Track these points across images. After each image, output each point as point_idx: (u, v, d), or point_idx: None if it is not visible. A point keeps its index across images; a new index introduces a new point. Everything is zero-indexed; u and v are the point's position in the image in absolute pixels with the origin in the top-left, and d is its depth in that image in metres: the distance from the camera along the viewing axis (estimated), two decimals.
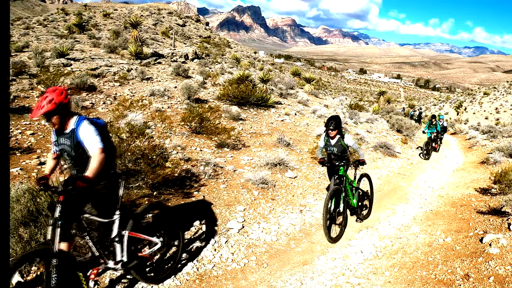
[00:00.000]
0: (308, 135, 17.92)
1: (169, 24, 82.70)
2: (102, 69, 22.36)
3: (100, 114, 15.36)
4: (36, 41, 35.60)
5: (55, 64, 22.17)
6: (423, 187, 14.43)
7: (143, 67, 24.94)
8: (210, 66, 34.98)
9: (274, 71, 58.20)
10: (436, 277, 6.87)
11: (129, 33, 42.11)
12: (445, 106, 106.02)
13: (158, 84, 21.52)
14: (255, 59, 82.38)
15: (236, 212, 9.68)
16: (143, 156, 9.40)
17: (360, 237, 9.29)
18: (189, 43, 68.36)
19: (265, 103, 21.00)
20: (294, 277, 7.29)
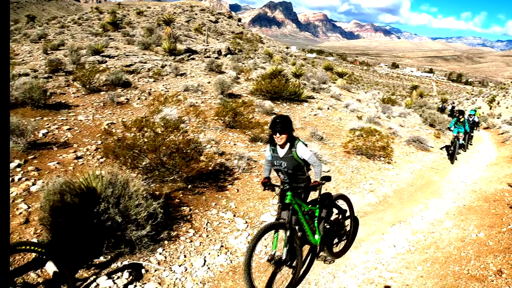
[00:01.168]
0: (341, 129, 17.84)
1: (202, 21, 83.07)
2: (136, 66, 22.61)
3: (135, 109, 15.56)
4: (71, 39, 36.09)
5: (90, 61, 22.50)
6: (456, 181, 14.26)
7: (177, 63, 25.11)
8: (243, 61, 35.06)
9: (307, 66, 58.11)
10: (469, 272, 6.82)
11: (162, 30, 42.39)
12: (477, 100, 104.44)
13: (192, 80, 21.67)
14: (287, 54, 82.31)
15: (270, 205, 9.70)
16: (178, 150, 9.49)
17: (393, 231, 9.25)
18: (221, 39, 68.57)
19: (298, 98, 20.96)
20: (327, 270, 7.30)
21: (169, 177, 9.38)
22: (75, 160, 10.25)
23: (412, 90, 50.22)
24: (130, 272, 6.30)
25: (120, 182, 6.98)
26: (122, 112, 15.04)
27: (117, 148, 9.26)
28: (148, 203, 6.97)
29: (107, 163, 10.06)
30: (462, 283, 6.50)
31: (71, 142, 11.50)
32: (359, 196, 11.40)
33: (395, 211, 10.62)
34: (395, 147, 16.35)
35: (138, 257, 6.75)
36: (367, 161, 14.27)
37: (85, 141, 11.63)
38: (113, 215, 6.37)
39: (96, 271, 6.21)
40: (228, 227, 8.43)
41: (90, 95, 16.41)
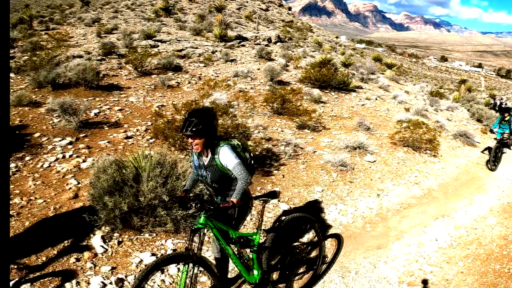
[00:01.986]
0: (388, 120, 17.72)
1: (253, 9, 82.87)
2: (187, 51, 22.87)
3: (185, 93, 15.79)
4: (124, 23, 36.69)
5: (142, 45, 22.86)
6: (501, 178, 14.00)
7: (227, 49, 25.31)
8: (293, 49, 34.98)
9: (356, 56, 57.64)
10: (510, 271, 6.81)
11: (213, 17, 42.57)
12: None
13: (242, 66, 21.80)
14: (337, 44, 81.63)
15: (314, 192, 9.77)
16: (226, 133, 9.63)
17: (435, 225, 9.19)
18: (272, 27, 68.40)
19: (346, 87, 20.90)
20: (368, 260, 7.32)
21: None
22: (125, 139, 10.54)
23: (460, 84, 49.25)
24: (174, 250, 6.46)
25: (169, 162, 7.14)
26: (173, 95, 15.29)
27: (166, 129, 9.47)
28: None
29: (156, 143, 10.28)
30: (502, 281, 6.48)
31: (122, 122, 11.80)
32: (404, 188, 11.35)
33: (438, 205, 10.55)
34: (442, 141, 16.15)
35: (182, 236, 6.90)
36: (413, 153, 14.16)
37: (135, 122, 11.92)
38: (160, 194, 6.51)
39: (140, 247, 6.39)
40: (272, 212, 8.53)
41: (142, 78, 16.74)
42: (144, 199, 6.45)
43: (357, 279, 6.74)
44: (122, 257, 6.11)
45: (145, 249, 6.40)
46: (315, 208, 8.55)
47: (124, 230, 6.59)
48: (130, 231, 6.64)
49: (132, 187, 6.50)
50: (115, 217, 6.32)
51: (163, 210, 6.56)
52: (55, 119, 11.09)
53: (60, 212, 6.74)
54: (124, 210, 6.29)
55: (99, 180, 6.48)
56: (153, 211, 6.57)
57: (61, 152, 9.18)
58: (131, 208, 6.39)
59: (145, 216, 6.55)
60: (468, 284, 6.64)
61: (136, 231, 6.64)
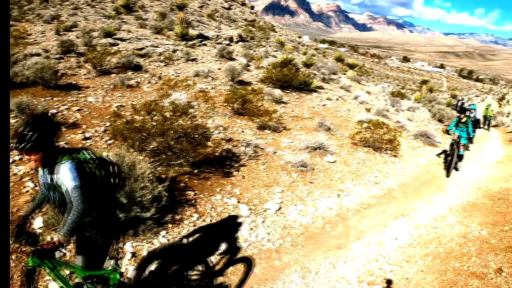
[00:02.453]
0: (349, 120, 17.86)
1: (215, 7, 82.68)
2: (148, 50, 22.65)
3: (145, 93, 15.64)
4: (84, 21, 36.10)
5: (102, 44, 22.54)
6: (461, 178, 14.25)
7: (188, 49, 25.14)
8: (255, 49, 34.99)
9: (318, 56, 57.91)
10: (469, 269, 6.89)
11: (175, 15, 42.27)
12: (487, 98, 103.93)
13: (203, 65, 21.69)
14: (299, 44, 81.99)
15: (274, 193, 9.80)
16: (186, 134, 9.59)
17: (395, 224, 9.33)
18: (234, 26, 68.35)
19: (307, 87, 21.00)
20: (328, 260, 7.40)
21: (175, 161, 9.49)
22: (83, 140, 10.37)
23: (422, 85, 50.00)
24: (133, 253, 6.40)
25: (127, 164, 7.07)
26: (132, 95, 15.13)
27: (125, 130, 9.36)
28: (153, 186, 7.07)
29: (115, 145, 10.18)
30: (461, 279, 6.58)
31: (80, 123, 11.60)
32: (364, 188, 11.47)
33: (398, 204, 10.68)
34: (402, 141, 16.35)
35: (141, 238, 6.85)
36: (373, 153, 14.31)
37: (94, 123, 11.74)
38: (118, 196, 6.43)
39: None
40: (232, 213, 8.52)
41: (101, 77, 16.51)
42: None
43: (317, 279, 6.80)
44: None
45: None
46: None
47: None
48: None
49: None
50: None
51: (122, 213, 6.50)
52: (11, 119, 10.87)
53: (17, 215, 6.60)
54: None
55: None
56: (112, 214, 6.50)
57: (17, 154, 8.99)
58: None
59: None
60: (428, 282, 6.74)
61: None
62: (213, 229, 7.78)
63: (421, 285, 6.69)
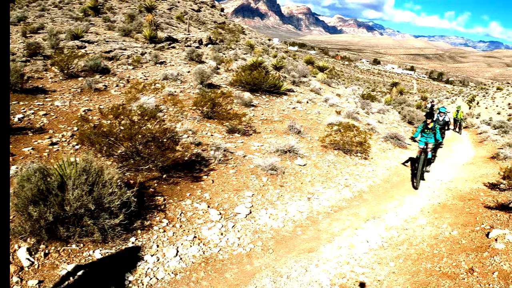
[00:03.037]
0: (319, 123, 17.92)
1: (184, 9, 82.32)
2: (116, 52, 22.43)
3: (112, 96, 15.45)
4: (51, 23, 35.65)
5: (69, 46, 22.25)
6: (432, 179, 14.42)
7: (157, 51, 24.97)
8: (224, 52, 34.93)
9: (288, 59, 58.17)
10: (441, 269, 6.93)
11: (144, 17, 42.00)
12: (457, 100, 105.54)
13: (172, 68, 21.55)
14: (269, 46, 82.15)
15: (244, 197, 9.76)
16: (154, 139, 9.48)
17: (366, 227, 9.35)
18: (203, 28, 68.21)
19: (277, 90, 21.01)
20: (299, 263, 7.38)
21: (144, 166, 9.37)
22: (50, 146, 10.20)
23: (392, 87, 50.48)
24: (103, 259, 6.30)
25: (95, 169, 6.96)
26: (100, 99, 14.93)
27: (93, 135, 9.22)
28: (122, 192, 6.96)
29: (82, 150, 10.04)
30: (433, 280, 6.60)
31: (47, 127, 11.41)
32: (334, 191, 11.51)
33: (369, 206, 10.72)
34: (373, 143, 16.47)
35: (110, 245, 6.74)
36: (343, 156, 14.37)
37: (61, 127, 11.55)
38: (86, 203, 6.34)
39: (67, 258, 6.18)
40: (202, 218, 8.46)
41: (68, 81, 16.25)
42: (70, 208, 6.26)
43: (289, 283, 6.79)
44: (49, 270, 5.89)
45: (72, 260, 6.18)
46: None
47: (50, 241, 6.33)
48: (57, 242, 6.38)
49: (57, 196, 6.30)
50: (41, 228, 6.09)
51: (90, 219, 6.41)
52: None
53: None
54: (49, 220, 6.06)
55: (23, 189, 6.24)
56: (80, 221, 6.40)
57: None
58: (56, 217, 6.19)
59: (71, 226, 6.36)
60: (400, 283, 6.76)
61: (63, 242, 6.40)
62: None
63: (393, 287, 6.70)
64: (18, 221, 6.30)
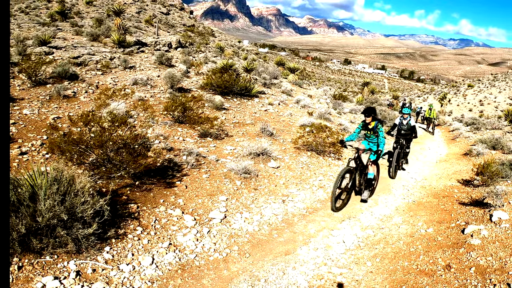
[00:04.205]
0: (291, 125, 17.94)
1: (153, 12, 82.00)
2: (84, 58, 22.18)
3: (82, 103, 15.28)
4: (18, 28, 35.16)
5: (37, 52, 21.95)
6: (406, 178, 14.55)
7: (126, 56, 24.79)
8: (194, 55, 34.85)
9: (258, 61, 58.31)
10: (418, 267, 6.95)
11: (112, 21, 41.71)
12: (429, 98, 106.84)
13: (141, 73, 21.38)
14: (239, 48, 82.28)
15: (219, 202, 9.71)
16: (125, 145, 9.38)
17: (342, 227, 9.36)
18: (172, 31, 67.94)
19: (248, 93, 20.98)
20: (276, 267, 7.34)
21: (116, 173, 9.26)
22: (19, 156, 10.02)
23: (364, 87, 50.89)
24: (78, 271, 6.20)
25: (66, 178, 6.85)
26: (69, 106, 14.75)
27: (63, 143, 9.08)
28: (94, 200, 6.86)
29: (52, 159, 9.90)
30: (411, 278, 6.63)
31: (16, 137, 11.21)
32: (309, 192, 11.52)
33: (344, 207, 10.73)
34: None
35: (85, 256, 6.63)
36: (317, 157, 14.40)
37: (30, 136, 11.36)
38: (58, 213, 6.24)
39: (42, 271, 6.08)
40: (177, 224, 8.38)
41: (36, 88, 16.02)
42: (42, 219, 6.14)
43: (266, 287, 6.72)
44: (24, 283, 5.73)
45: (47, 272, 6.04)
46: None
47: (24, 254, 6.18)
48: (30, 254, 6.24)
49: (29, 207, 6.16)
50: (13, 240, 5.94)
51: (63, 230, 6.29)
52: None
53: None
54: (22, 232, 5.92)
55: None
56: (53, 232, 6.28)
57: None
58: (29, 229, 6.06)
59: (44, 237, 6.23)
60: (378, 283, 6.76)
61: (37, 254, 6.27)
62: None
63: (371, 286, 6.71)
64: None
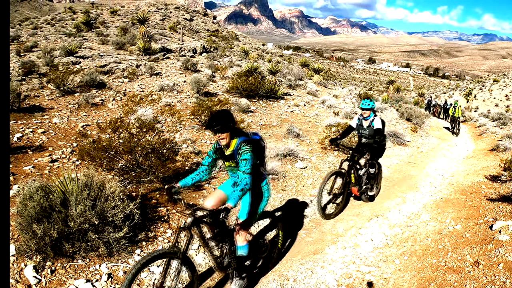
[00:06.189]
0: (317, 125, 17.89)
1: (177, 19, 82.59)
2: (111, 66, 22.47)
3: (110, 110, 15.47)
4: (45, 40, 35.75)
5: (64, 63, 22.30)
6: (433, 175, 14.40)
7: (151, 63, 25.00)
8: (219, 59, 34.99)
9: (283, 63, 58.24)
10: (446, 264, 6.88)
11: (137, 29, 42.16)
12: (454, 94, 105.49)
13: (167, 79, 21.55)
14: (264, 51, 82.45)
15: None
16: (154, 150, 9.46)
17: (370, 226, 9.29)
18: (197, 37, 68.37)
19: (274, 95, 20.98)
20: (305, 266, 7.32)
21: (145, 178, 9.35)
22: (50, 163, 10.16)
23: (389, 85, 50.53)
24: (109, 274, 6.29)
25: (96, 184, 6.95)
26: (97, 114, 14.95)
27: (92, 150, 9.21)
28: (124, 205, 6.94)
29: (83, 165, 10.00)
30: (439, 275, 6.57)
31: (46, 145, 11.40)
32: None
33: (372, 205, 10.67)
34: None
35: (116, 259, 6.71)
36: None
37: (60, 144, 11.54)
38: (90, 217, 6.34)
39: (74, 274, 6.17)
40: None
41: (65, 97, 16.29)
42: (74, 224, 6.24)
43: (295, 286, 6.72)
44: (57, 286, 5.83)
45: (79, 275, 6.12)
46: None
47: (56, 258, 6.28)
48: (63, 258, 6.34)
49: (61, 212, 6.26)
50: (46, 245, 6.05)
51: (94, 234, 6.38)
52: None
53: None
54: (54, 237, 6.02)
55: (26, 208, 6.22)
56: (84, 236, 6.37)
57: None
58: (61, 234, 6.16)
59: (76, 242, 6.33)
60: (406, 280, 6.71)
61: (69, 258, 6.37)
62: None
63: (399, 284, 6.67)
64: (23, 239, 6.30)
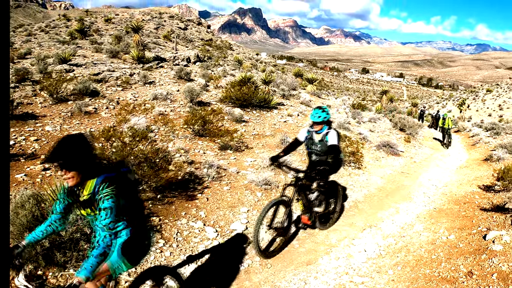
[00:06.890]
0: None
1: (171, 28, 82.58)
2: (104, 74, 22.42)
3: (103, 119, 15.44)
4: (38, 47, 35.70)
5: (57, 70, 22.24)
6: (426, 185, 14.42)
7: (145, 71, 24.96)
8: (212, 68, 35.01)
9: (277, 73, 58.26)
10: (440, 274, 6.88)
11: (131, 38, 42.18)
12: (448, 104, 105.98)
13: (161, 88, 21.54)
14: (257, 61, 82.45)
15: (240, 213, 9.71)
16: (146, 159, 9.44)
17: (363, 236, 9.29)
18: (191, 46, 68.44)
19: (267, 105, 20.99)
20: (298, 277, 7.31)
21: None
22: (43, 171, 10.13)
23: (382, 95, 50.65)
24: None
25: None
26: (90, 122, 14.92)
27: None
28: None
29: None
30: (433, 285, 6.56)
31: (39, 153, 11.37)
32: None
33: (365, 216, 10.67)
34: (365, 152, 16.47)
35: None
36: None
37: None
38: (81, 227, 6.34)
39: (65, 283, 6.12)
40: (198, 236, 8.40)
41: (58, 105, 16.24)
42: (66, 233, 6.22)
43: None
44: None
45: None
46: None
47: (48, 267, 6.25)
48: (54, 267, 6.29)
49: None
50: (37, 254, 6.03)
51: (86, 243, 6.36)
52: None
53: None
54: (45, 246, 6.01)
55: (18, 216, 6.21)
56: (76, 245, 6.34)
57: None
58: (53, 243, 6.13)
59: (68, 251, 6.29)
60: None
61: (60, 267, 6.31)
62: None
63: None
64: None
